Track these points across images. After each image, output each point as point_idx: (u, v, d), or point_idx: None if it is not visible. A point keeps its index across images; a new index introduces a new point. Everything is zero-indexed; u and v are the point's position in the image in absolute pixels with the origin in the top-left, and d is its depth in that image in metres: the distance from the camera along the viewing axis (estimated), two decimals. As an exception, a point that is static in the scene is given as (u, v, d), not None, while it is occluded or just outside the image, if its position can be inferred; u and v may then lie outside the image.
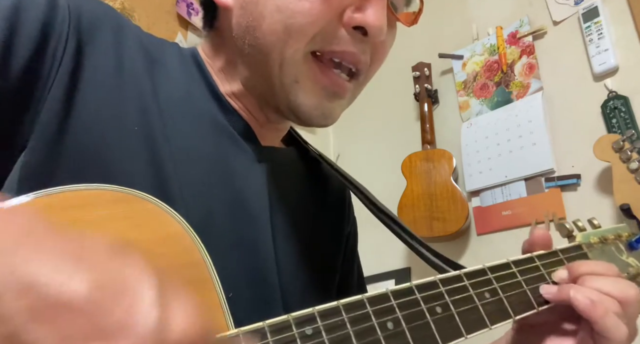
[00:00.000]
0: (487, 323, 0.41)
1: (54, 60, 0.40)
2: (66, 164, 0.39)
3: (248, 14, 0.49)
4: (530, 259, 0.50)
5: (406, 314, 0.36)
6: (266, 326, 0.30)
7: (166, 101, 0.47)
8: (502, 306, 0.43)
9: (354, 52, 0.48)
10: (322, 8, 0.46)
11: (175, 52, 0.53)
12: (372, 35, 0.47)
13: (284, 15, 0.46)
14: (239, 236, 0.48)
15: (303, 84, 0.49)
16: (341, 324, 0.33)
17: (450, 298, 0.40)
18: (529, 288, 0.46)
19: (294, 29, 0.46)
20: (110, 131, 0.42)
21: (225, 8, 0.51)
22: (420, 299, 0.38)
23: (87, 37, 0.43)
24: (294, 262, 0.55)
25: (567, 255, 0.53)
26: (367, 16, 0.46)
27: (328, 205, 0.65)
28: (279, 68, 0.48)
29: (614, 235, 0.59)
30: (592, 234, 0.58)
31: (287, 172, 0.58)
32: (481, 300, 0.42)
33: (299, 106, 0.50)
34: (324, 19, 0.46)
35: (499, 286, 0.44)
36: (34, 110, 0.39)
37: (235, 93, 0.54)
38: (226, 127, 0.51)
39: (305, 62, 0.48)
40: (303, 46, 0.47)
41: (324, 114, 0.51)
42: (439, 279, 0.41)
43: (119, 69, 0.45)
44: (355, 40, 0.48)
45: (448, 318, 0.39)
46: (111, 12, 0.48)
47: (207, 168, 0.48)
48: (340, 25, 0.47)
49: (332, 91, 0.50)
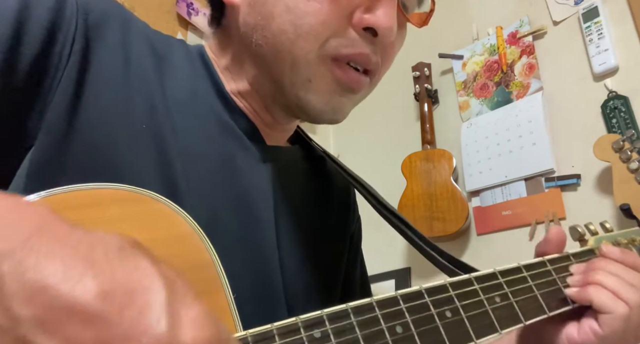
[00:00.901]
0: (497, 328, 0.40)
1: (62, 57, 0.40)
2: (74, 162, 0.39)
3: (256, 12, 0.48)
4: (542, 263, 0.49)
5: (415, 319, 0.36)
6: (274, 328, 0.30)
7: (173, 99, 0.47)
8: (512, 311, 0.43)
9: (368, 54, 0.48)
10: (332, 9, 0.45)
11: (182, 49, 0.53)
12: (381, 35, 0.47)
13: (294, 16, 0.46)
14: (243, 236, 0.48)
15: (316, 83, 0.48)
16: (350, 327, 0.33)
17: (460, 303, 0.40)
18: (540, 292, 0.46)
19: (304, 29, 0.46)
20: (119, 129, 0.42)
21: (233, 6, 0.51)
22: (429, 303, 0.38)
23: (94, 33, 0.43)
24: (298, 262, 0.54)
25: (579, 259, 0.52)
26: (377, 17, 0.46)
27: (333, 203, 0.64)
28: (290, 68, 0.48)
29: (627, 239, 0.58)
30: (604, 238, 0.57)
31: (292, 172, 0.58)
32: (491, 305, 0.41)
33: (309, 102, 0.49)
34: (333, 20, 0.46)
35: (510, 290, 0.44)
36: (41, 107, 0.38)
37: (241, 92, 0.54)
38: (232, 126, 0.51)
39: (321, 65, 0.48)
40: (316, 48, 0.47)
41: (334, 108, 0.51)
42: (448, 282, 0.41)
43: (126, 66, 0.44)
44: (366, 42, 0.48)
45: (458, 323, 0.38)
46: (118, 8, 0.48)
47: (214, 167, 0.47)
48: (350, 26, 0.47)
49: (347, 85, 0.49)
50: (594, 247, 0.55)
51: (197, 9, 1.75)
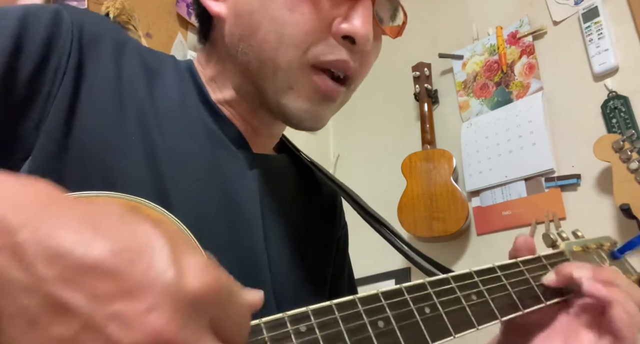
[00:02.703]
0: (474, 324, 0.42)
1: (57, 72, 0.43)
2: (70, 173, 0.41)
3: (242, 23, 0.51)
4: (515, 264, 0.52)
5: (396, 314, 0.38)
6: (262, 322, 0.32)
7: (162, 110, 0.50)
8: (488, 307, 0.45)
9: (347, 60, 0.51)
10: (313, 19, 0.49)
11: (172, 64, 0.56)
12: (359, 43, 0.50)
13: (278, 26, 0.49)
14: (231, 239, 0.49)
15: (298, 90, 0.51)
16: (334, 322, 0.35)
17: (438, 299, 0.42)
18: (514, 290, 0.48)
19: (287, 39, 0.49)
20: (112, 140, 0.44)
21: (219, 18, 0.54)
22: (409, 300, 0.40)
23: (88, 50, 0.46)
24: (286, 264, 0.56)
25: (550, 261, 0.55)
26: (354, 26, 0.49)
27: (319, 210, 0.67)
28: (273, 75, 0.51)
29: (596, 244, 0.62)
30: (574, 243, 0.60)
31: (278, 179, 0.60)
32: (468, 302, 0.44)
33: (290, 109, 0.52)
34: (315, 30, 0.49)
35: (485, 288, 0.46)
36: (38, 119, 0.41)
37: (227, 100, 0.56)
38: (218, 134, 0.54)
39: (302, 72, 0.50)
40: (299, 56, 0.49)
41: (314, 117, 0.53)
42: (427, 281, 0.43)
43: (118, 80, 0.47)
44: (345, 49, 0.51)
45: (436, 318, 0.40)
46: (112, 27, 0.52)
47: (201, 173, 0.50)
48: (330, 35, 0.50)
49: (325, 94, 0.52)
50: (564, 249, 0.58)
51: (197, 9, 1.75)
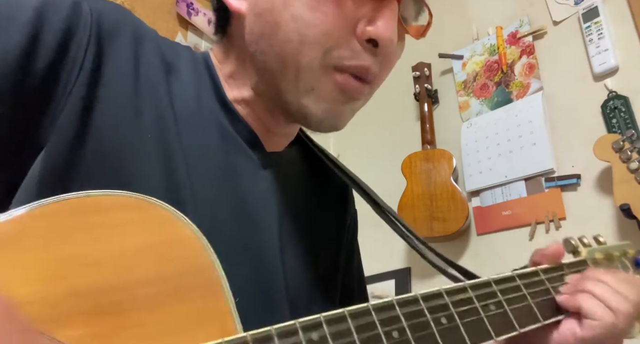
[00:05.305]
0: (492, 335, 0.41)
1: (75, 64, 0.41)
2: (85, 168, 0.40)
3: (263, 21, 0.49)
4: (535, 273, 0.50)
5: (411, 324, 0.37)
6: (273, 329, 0.31)
7: (180, 108, 0.48)
8: (507, 318, 0.43)
9: (369, 66, 0.49)
10: (336, 20, 0.47)
11: (188, 56, 0.54)
12: (382, 46, 0.48)
13: (299, 25, 0.47)
14: (245, 242, 0.48)
15: (319, 91, 0.49)
16: (347, 331, 0.33)
17: (455, 309, 0.40)
18: (533, 301, 0.46)
19: (309, 38, 0.47)
20: (128, 136, 0.43)
21: (239, 15, 0.52)
22: (425, 310, 0.38)
23: (107, 42, 0.44)
24: (300, 264, 0.55)
25: (572, 270, 0.53)
26: (378, 29, 0.47)
27: (330, 199, 0.66)
28: (294, 75, 0.49)
29: (620, 252, 0.59)
30: (597, 251, 0.57)
31: (291, 175, 0.59)
32: (486, 312, 0.42)
33: (310, 110, 0.50)
34: (337, 31, 0.47)
35: (504, 298, 0.44)
36: (53, 113, 0.40)
37: (244, 99, 0.55)
38: (232, 134, 0.52)
39: (324, 73, 0.49)
40: (319, 56, 0.48)
41: (335, 116, 0.52)
42: (444, 290, 0.41)
43: (136, 74, 0.46)
44: (368, 53, 0.49)
45: (453, 329, 0.39)
46: (130, 17, 0.50)
47: (216, 175, 0.49)
48: (354, 38, 0.48)
49: (349, 93, 0.50)
50: (587, 258, 0.56)
51: (197, 9, 1.75)
